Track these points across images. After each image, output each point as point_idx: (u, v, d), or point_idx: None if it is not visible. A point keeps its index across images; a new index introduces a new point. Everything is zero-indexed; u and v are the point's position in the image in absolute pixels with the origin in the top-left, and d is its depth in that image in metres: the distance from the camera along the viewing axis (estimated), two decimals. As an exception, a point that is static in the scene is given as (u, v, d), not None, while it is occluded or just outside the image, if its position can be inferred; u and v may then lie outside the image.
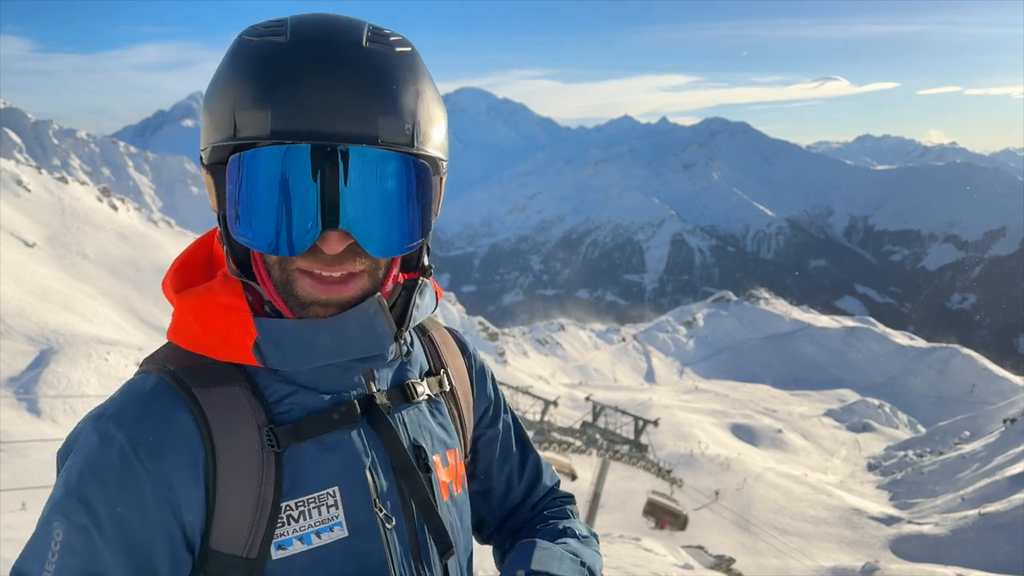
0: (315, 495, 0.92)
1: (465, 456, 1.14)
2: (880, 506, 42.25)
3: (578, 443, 41.59)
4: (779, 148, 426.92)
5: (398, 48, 0.90)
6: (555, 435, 42.81)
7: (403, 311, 1.00)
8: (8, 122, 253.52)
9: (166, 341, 0.99)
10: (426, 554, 1.00)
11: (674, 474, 39.29)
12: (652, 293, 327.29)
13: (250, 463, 0.89)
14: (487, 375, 1.24)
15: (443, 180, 0.97)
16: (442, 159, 0.95)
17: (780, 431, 65.58)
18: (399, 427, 1.01)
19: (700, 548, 24.38)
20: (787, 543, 32.80)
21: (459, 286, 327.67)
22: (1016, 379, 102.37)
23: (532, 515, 1.25)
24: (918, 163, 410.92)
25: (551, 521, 1.21)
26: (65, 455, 0.89)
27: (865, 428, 75.85)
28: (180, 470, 0.86)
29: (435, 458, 1.04)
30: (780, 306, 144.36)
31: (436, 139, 0.92)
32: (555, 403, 47.64)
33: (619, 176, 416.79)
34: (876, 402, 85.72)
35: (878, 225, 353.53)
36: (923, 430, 73.88)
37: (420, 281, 1.02)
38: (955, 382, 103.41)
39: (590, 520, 19.55)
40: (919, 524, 36.75)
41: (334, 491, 0.93)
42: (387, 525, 0.95)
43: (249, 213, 0.86)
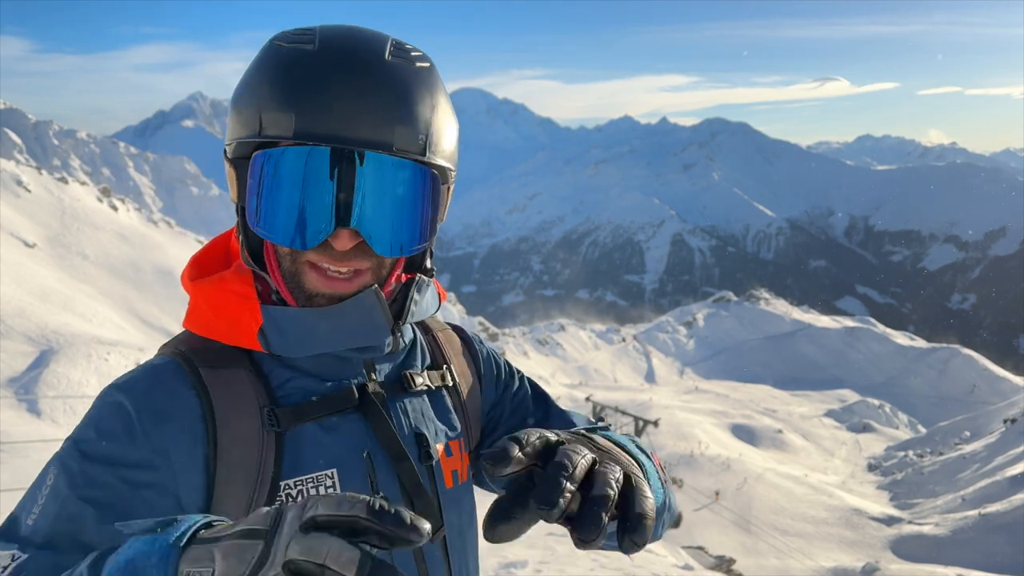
0: (313, 475, 0.95)
1: (469, 447, 1.16)
2: (880, 506, 42.25)
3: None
4: (779, 148, 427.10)
5: (418, 63, 0.95)
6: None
7: (402, 306, 1.04)
8: (8, 122, 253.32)
9: (166, 341, 1.05)
10: None
11: (675, 474, 39.29)
12: (652, 293, 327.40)
13: (251, 441, 0.93)
14: (494, 360, 1.27)
15: (451, 189, 1.03)
16: (451, 169, 1.00)
17: (780, 431, 65.39)
18: (400, 416, 1.04)
19: (700, 549, 24.39)
20: (787, 543, 32.81)
21: (459, 286, 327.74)
22: (1016, 379, 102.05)
23: None
24: (918, 163, 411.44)
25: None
26: None
27: (865, 428, 75.59)
28: (178, 439, 0.90)
29: (438, 447, 1.07)
30: (780, 306, 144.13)
31: (447, 150, 0.98)
32: (555, 403, 47.69)
33: (619, 176, 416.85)
34: (876, 402, 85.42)
35: (878, 225, 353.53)
36: (923, 430, 73.76)
37: (418, 278, 1.06)
38: (955, 382, 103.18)
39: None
40: (919, 524, 36.75)
41: (332, 472, 0.96)
42: None
43: (268, 207, 0.91)
